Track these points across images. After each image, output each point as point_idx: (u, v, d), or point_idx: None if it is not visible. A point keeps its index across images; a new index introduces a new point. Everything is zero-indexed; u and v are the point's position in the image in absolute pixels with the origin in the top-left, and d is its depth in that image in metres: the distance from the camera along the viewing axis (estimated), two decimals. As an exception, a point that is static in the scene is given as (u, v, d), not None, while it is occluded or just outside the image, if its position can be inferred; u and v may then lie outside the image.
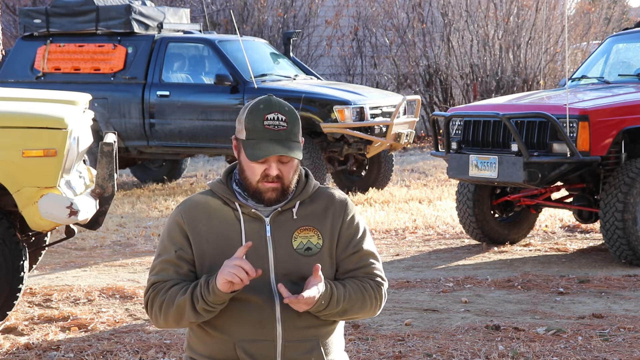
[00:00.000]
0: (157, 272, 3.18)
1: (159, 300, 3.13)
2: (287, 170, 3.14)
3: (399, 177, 14.20)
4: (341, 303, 3.13)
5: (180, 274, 3.15)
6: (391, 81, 20.34)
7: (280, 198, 3.17)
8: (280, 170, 3.13)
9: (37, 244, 7.27)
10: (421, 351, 5.65)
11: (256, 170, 3.13)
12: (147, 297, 3.18)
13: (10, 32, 19.60)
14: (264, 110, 3.11)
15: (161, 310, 3.13)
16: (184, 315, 3.11)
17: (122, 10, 12.88)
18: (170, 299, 3.11)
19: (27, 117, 6.07)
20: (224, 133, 12.07)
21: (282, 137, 3.10)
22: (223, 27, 19.85)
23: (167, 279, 3.15)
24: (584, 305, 6.88)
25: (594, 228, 9.82)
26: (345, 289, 3.15)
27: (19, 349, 5.82)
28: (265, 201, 3.16)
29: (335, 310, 3.13)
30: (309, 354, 3.16)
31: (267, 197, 3.15)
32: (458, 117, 8.79)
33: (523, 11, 20.11)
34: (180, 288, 3.12)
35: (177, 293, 3.11)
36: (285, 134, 3.10)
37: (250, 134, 3.11)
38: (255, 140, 3.10)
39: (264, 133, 3.09)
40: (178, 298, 3.09)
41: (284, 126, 3.10)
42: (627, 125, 8.15)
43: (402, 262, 8.61)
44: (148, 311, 3.20)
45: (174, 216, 3.21)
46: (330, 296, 3.11)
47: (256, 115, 3.11)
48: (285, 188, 3.16)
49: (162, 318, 3.15)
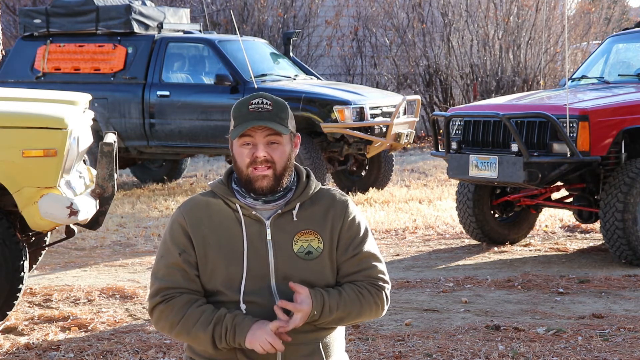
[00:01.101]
0: (162, 276, 3.16)
1: (172, 319, 3.12)
2: (277, 155, 3.13)
3: (399, 177, 14.21)
4: (335, 311, 3.12)
5: (187, 280, 3.14)
6: (391, 81, 20.34)
7: (273, 187, 3.14)
8: (268, 153, 3.12)
9: (37, 244, 7.27)
10: (421, 351, 5.65)
11: (244, 154, 3.13)
12: (153, 303, 3.15)
13: (10, 32, 19.60)
14: (250, 99, 3.15)
15: (173, 329, 3.13)
16: (199, 345, 3.13)
17: (122, 10, 12.88)
18: (187, 324, 3.09)
19: (27, 117, 6.07)
20: (224, 133, 12.06)
21: (265, 117, 3.11)
22: (223, 27, 19.85)
23: (176, 286, 3.13)
24: (584, 305, 6.88)
25: (594, 228, 9.82)
26: (340, 297, 3.13)
27: (19, 349, 5.82)
28: (258, 191, 3.13)
29: (330, 318, 3.12)
30: (310, 357, 3.16)
31: (258, 185, 3.13)
32: (458, 117, 8.79)
33: (523, 11, 20.11)
34: (197, 309, 3.09)
35: (195, 319, 3.09)
36: (268, 114, 3.11)
37: (237, 120, 3.14)
38: (240, 124, 3.12)
39: (248, 115, 3.12)
40: (197, 329, 3.08)
41: (268, 108, 3.12)
42: (627, 125, 8.15)
43: (402, 262, 8.61)
44: (154, 318, 3.18)
45: (176, 217, 3.19)
46: (322, 306, 3.10)
47: (242, 104, 3.15)
48: (277, 176, 3.14)
49: (172, 334, 3.15)
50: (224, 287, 3.13)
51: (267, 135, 3.12)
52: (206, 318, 3.08)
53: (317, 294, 3.10)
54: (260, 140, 3.12)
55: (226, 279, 3.13)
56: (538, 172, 8.06)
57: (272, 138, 3.12)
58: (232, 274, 3.13)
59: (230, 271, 3.13)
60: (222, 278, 3.13)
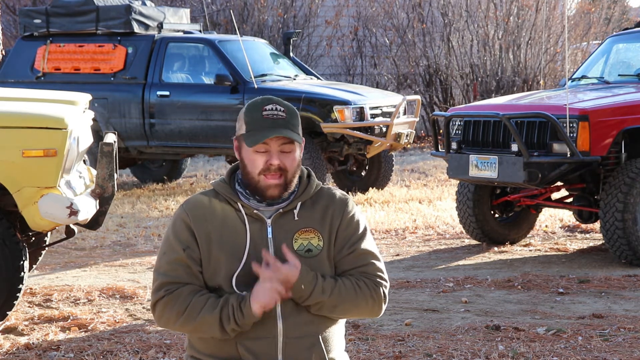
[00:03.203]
0: (165, 271, 3.16)
1: (178, 308, 3.12)
2: (290, 162, 3.14)
3: (399, 177, 14.21)
4: (328, 294, 3.11)
5: (190, 275, 3.14)
6: (391, 81, 20.34)
7: (282, 194, 3.16)
8: (282, 161, 3.13)
9: (37, 244, 7.27)
10: (421, 351, 5.65)
11: (258, 161, 3.13)
12: (156, 297, 3.15)
13: (10, 32, 19.60)
14: (263, 104, 3.14)
15: (179, 319, 3.12)
16: (207, 332, 3.12)
17: (122, 10, 12.88)
18: (193, 312, 3.10)
19: (27, 117, 6.07)
20: (224, 133, 12.07)
21: (281, 125, 3.12)
22: (223, 27, 19.85)
23: (179, 281, 3.14)
24: (584, 305, 6.88)
25: (594, 228, 9.82)
26: (335, 283, 3.14)
27: (19, 349, 5.82)
28: (268, 198, 3.15)
29: (322, 299, 3.11)
30: (310, 351, 3.16)
31: (269, 193, 3.15)
32: (458, 117, 8.79)
33: (523, 11, 20.11)
34: (201, 297, 3.11)
35: (201, 305, 3.10)
36: (283, 122, 3.12)
37: (250, 125, 3.13)
38: (255, 130, 3.12)
39: (263, 122, 3.12)
40: (203, 313, 3.09)
41: (282, 116, 3.13)
42: (627, 125, 8.15)
43: (402, 262, 8.61)
44: (156, 312, 3.17)
45: (179, 214, 3.20)
46: (314, 283, 3.10)
47: (255, 108, 3.14)
48: (287, 183, 3.16)
49: (177, 325, 3.14)
50: (224, 284, 3.14)
51: (282, 143, 3.13)
52: (212, 303, 3.10)
53: (310, 271, 3.11)
54: (275, 148, 3.13)
55: (227, 275, 3.14)
56: (538, 172, 8.06)
57: (286, 147, 3.14)
58: (233, 270, 3.14)
59: (230, 268, 3.14)
60: (223, 274, 3.14)
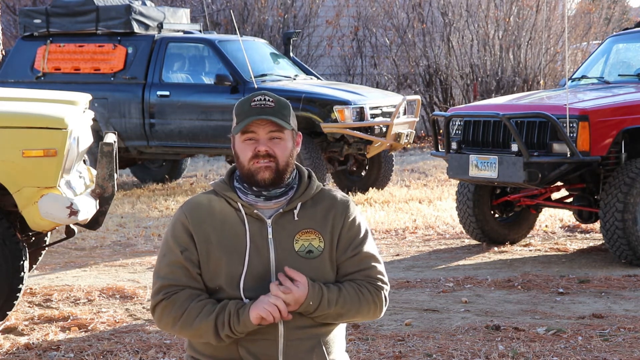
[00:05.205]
0: (164, 274, 3.16)
1: (175, 314, 3.12)
2: (280, 150, 3.15)
3: (399, 177, 14.21)
4: (333, 306, 3.12)
5: (189, 277, 3.15)
6: (391, 81, 20.34)
7: (275, 180, 3.16)
8: (271, 148, 3.14)
9: (37, 244, 7.27)
10: (421, 351, 5.65)
11: (247, 149, 3.15)
12: (155, 301, 3.16)
13: (10, 32, 19.60)
14: (252, 96, 3.18)
15: (176, 323, 3.13)
16: (202, 337, 3.12)
17: (122, 10, 12.88)
18: (189, 318, 3.11)
19: (27, 117, 6.07)
20: (224, 133, 12.07)
21: (268, 112, 3.14)
22: (223, 27, 19.85)
23: (178, 284, 3.14)
24: (584, 305, 6.88)
25: (594, 228, 9.82)
26: (340, 293, 3.14)
27: (19, 349, 5.82)
28: (259, 181, 3.15)
29: (327, 311, 3.13)
30: (311, 353, 3.16)
31: (259, 177, 3.15)
32: (458, 117, 8.79)
33: (523, 11, 20.11)
34: (198, 303, 3.11)
35: (197, 312, 3.10)
36: (271, 110, 3.14)
37: (239, 117, 3.16)
38: (243, 119, 3.15)
39: (250, 111, 3.15)
40: (200, 319, 3.09)
41: (270, 105, 3.15)
42: (627, 125, 8.15)
43: (402, 262, 8.61)
44: (156, 316, 3.18)
45: (178, 216, 3.21)
46: (320, 298, 3.11)
47: (245, 101, 3.18)
48: (279, 169, 3.16)
49: (175, 329, 3.15)
50: (226, 285, 3.14)
51: (269, 130, 3.14)
52: (209, 309, 3.10)
53: (316, 285, 3.11)
54: (263, 135, 3.14)
55: (228, 276, 3.14)
56: (538, 172, 8.06)
57: (274, 134, 3.15)
58: (234, 271, 3.14)
59: (232, 269, 3.14)
60: (224, 275, 3.14)
